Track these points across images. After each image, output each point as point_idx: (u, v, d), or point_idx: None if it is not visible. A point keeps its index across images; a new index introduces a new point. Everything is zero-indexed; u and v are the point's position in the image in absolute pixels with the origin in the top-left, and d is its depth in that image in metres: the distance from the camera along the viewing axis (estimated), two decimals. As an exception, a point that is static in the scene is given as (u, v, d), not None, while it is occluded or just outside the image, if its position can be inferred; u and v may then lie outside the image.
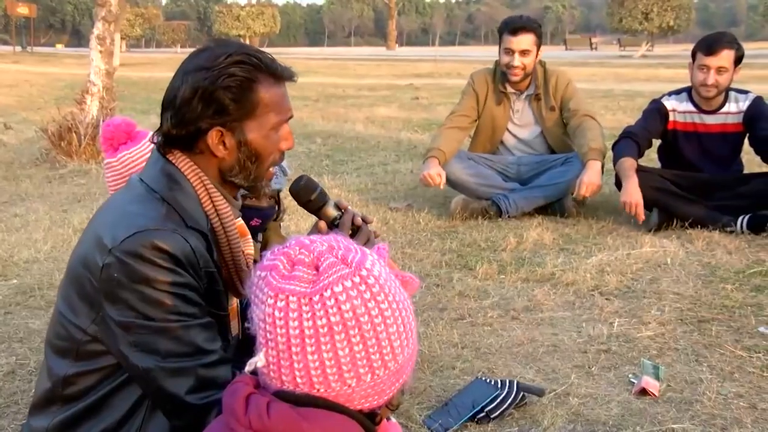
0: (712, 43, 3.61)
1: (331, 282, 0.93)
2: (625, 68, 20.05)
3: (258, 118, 1.38)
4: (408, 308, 1.00)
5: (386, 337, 0.95)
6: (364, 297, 0.94)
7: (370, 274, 0.95)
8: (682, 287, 2.76)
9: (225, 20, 38.29)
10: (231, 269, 1.44)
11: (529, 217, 3.79)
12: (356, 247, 1.00)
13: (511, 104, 4.05)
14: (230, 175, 1.41)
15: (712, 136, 3.76)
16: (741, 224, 3.48)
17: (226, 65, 1.34)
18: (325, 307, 0.93)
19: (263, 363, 0.96)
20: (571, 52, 37.72)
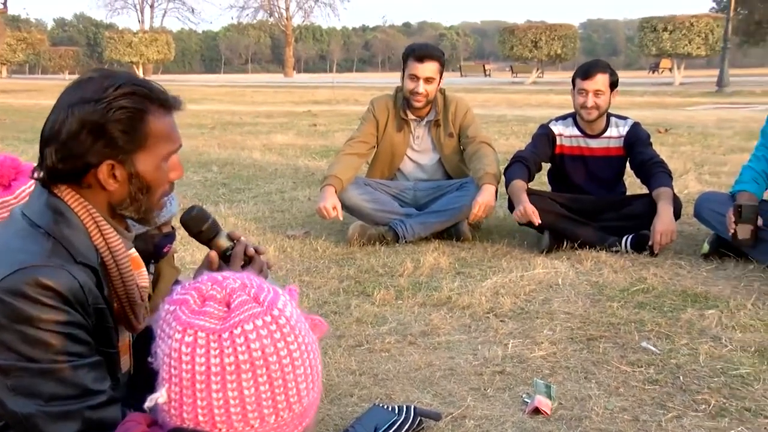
0: (588, 68, 3.80)
1: (242, 320, 0.92)
2: (517, 94, 20.75)
3: (149, 150, 1.35)
4: (316, 351, 0.99)
5: (293, 378, 0.94)
6: (275, 337, 0.93)
7: (282, 315, 0.94)
8: (572, 307, 2.85)
9: (116, 47, 37.29)
10: (124, 303, 1.39)
11: (426, 242, 3.85)
12: (269, 286, 0.98)
13: (411, 130, 4.11)
14: (121, 208, 1.37)
15: (597, 159, 3.93)
16: (625, 244, 3.64)
17: (114, 97, 1.30)
18: (234, 344, 0.91)
19: (165, 399, 0.93)
20: (466, 79, 38.76)
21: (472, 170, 3.93)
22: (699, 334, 2.56)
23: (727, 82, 20.27)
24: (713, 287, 3.09)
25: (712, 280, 3.19)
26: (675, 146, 7.78)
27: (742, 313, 2.73)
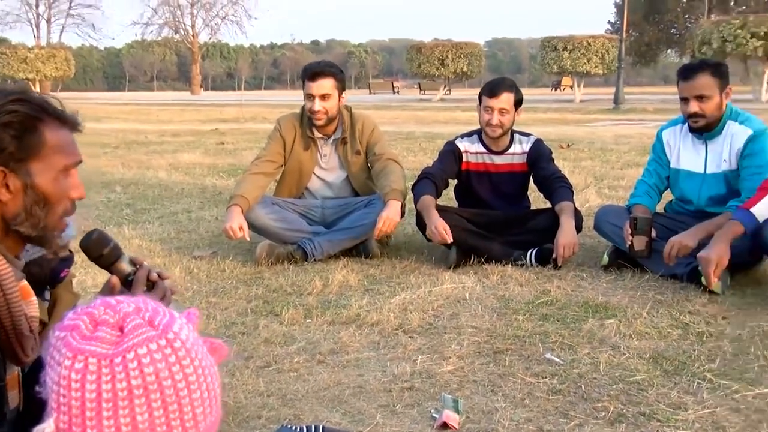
0: (494, 87, 3.89)
1: (135, 344, 0.89)
2: (425, 111, 21.06)
3: (44, 160, 1.29)
4: (214, 375, 0.97)
5: (189, 402, 0.92)
6: (169, 361, 0.90)
7: (177, 338, 0.92)
8: (479, 321, 2.90)
9: (9, 62, 35.81)
10: (11, 335, 1.32)
11: (334, 260, 3.84)
12: (165, 310, 0.96)
13: (318, 149, 4.10)
14: (15, 223, 1.30)
15: (502, 175, 4.03)
16: (530, 258, 3.73)
17: (4, 103, 1.25)
18: (127, 369, 0.88)
19: (52, 429, 0.89)
20: (375, 96, 39.08)
21: (378, 187, 3.96)
22: (600, 343, 2.64)
23: (622, 99, 21.14)
24: (612, 297, 3.20)
25: (611, 291, 3.31)
26: (576, 161, 8.05)
27: (639, 322, 2.84)
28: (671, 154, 3.76)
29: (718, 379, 2.29)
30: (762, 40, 20.51)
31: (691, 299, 3.14)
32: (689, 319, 2.87)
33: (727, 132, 3.55)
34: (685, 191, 3.73)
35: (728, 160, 3.54)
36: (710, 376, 2.31)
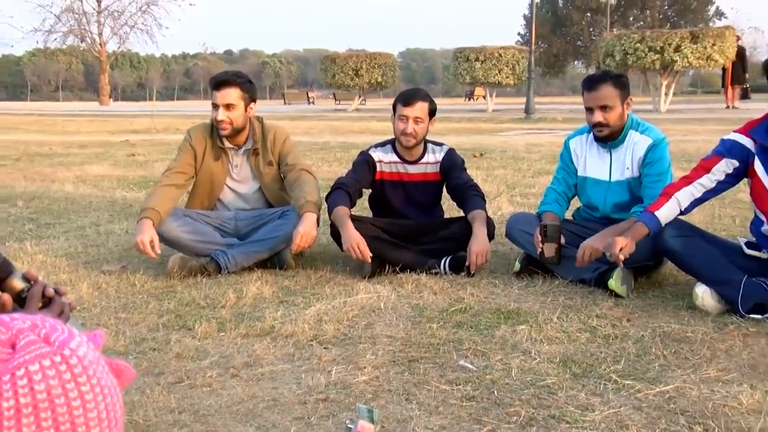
0: (409, 96, 3.93)
1: (26, 360, 0.85)
2: (340, 121, 21.07)
3: None
4: (115, 395, 0.93)
5: (84, 422, 0.88)
6: (63, 378, 0.86)
7: (74, 354, 0.88)
8: (394, 330, 2.91)
9: None
10: None
11: (249, 272, 3.79)
12: (64, 327, 0.91)
13: (229, 159, 4.05)
14: None
15: (416, 184, 4.07)
16: (444, 266, 3.78)
17: None
18: (15, 387, 0.84)
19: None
20: (290, 107, 38.87)
21: (293, 198, 3.93)
22: (512, 349, 2.69)
23: (533, 109, 21.68)
24: (524, 303, 3.27)
25: (523, 297, 3.38)
26: (489, 170, 8.20)
27: (549, 327, 2.91)
28: (578, 163, 3.88)
29: (622, 379, 2.37)
30: (659, 54, 21.42)
31: (598, 303, 3.24)
32: (596, 323, 2.97)
33: (630, 141, 3.69)
34: (591, 198, 3.85)
35: (631, 167, 3.68)
36: (615, 377, 2.38)
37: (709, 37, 21.39)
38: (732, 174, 3.22)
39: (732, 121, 15.09)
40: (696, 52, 21.22)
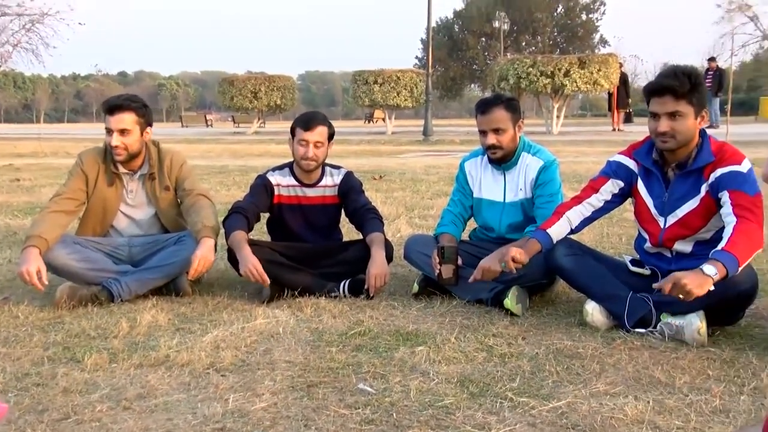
0: (309, 120, 3.93)
1: None
2: (239, 144, 20.83)
3: None
4: None
5: None
6: None
7: None
8: (293, 355, 2.88)
9: None
10: None
11: (143, 300, 3.68)
12: None
13: (124, 185, 3.93)
14: None
15: (314, 208, 4.06)
16: (343, 289, 3.77)
17: None
18: None
19: None
20: (188, 129, 38.13)
21: (189, 224, 3.85)
22: (410, 370, 2.71)
23: (431, 131, 22.09)
24: (423, 325, 3.30)
25: (422, 318, 3.41)
26: (389, 192, 8.28)
27: (447, 347, 2.94)
28: (473, 184, 3.96)
29: (517, 397, 2.42)
30: (550, 78, 22.28)
31: (494, 322, 3.31)
32: (493, 342, 3.02)
33: (522, 163, 3.80)
34: (487, 219, 3.94)
35: (524, 189, 3.79)
36: (511, 395, 2.43)
37: (595, 63, 22.43)
38: (618, 194, 3.36)
39: (618, 143, 15.82)
40: (584, 77, 22.20)
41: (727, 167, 3.04)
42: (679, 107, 3.02)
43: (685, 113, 3.03)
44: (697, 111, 3.06)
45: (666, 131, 3.05)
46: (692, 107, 3.04)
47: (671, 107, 3.03)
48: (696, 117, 3.06)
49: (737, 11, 18.92)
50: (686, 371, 2.65)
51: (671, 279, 2.79)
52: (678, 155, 3.16)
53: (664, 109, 3.05)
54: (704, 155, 3.10)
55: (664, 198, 3.22)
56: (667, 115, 3.04)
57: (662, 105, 3.05)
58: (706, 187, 3.09)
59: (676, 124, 3.04)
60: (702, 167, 3.11)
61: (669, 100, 3.03)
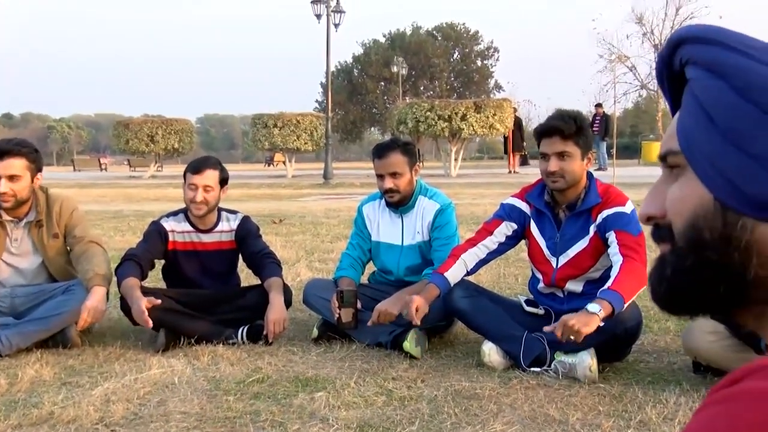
0: (198, 164, 3.89)
1: None
2: (135, 188, 20.29)
3: None
4: None
5: None
6: None
7: None
8: (188, 405, 2.79)
9: None
10: None
11: (26, 354, 3.49)
12: None
13: (8, 233, 3.75)
14: None
15: (210, 253, 3.98)
16: (241, 335, 3.71)
17: None
18: None
19: None
20: (81, 173, 36.90)
21: (80, 272, 3.70)
22: (309, 417, 2.67)
23: (331, 174, 22.16)
24: (322, 370, 3.27)
25: (321, 363, 3.38)
26: (288, 236, 8.22)
27: (347, 392, 2.92)
28: (372, 228, 4.00)
29: (417, 440, 2.42)
30: (447, 122, 22.85)
31: (394, 365, 3.31)
32: (392, 385, 3.02)
33: (419, 206, 3.87)
34: (385, 262, 3.97)
35: (421, 232, 3.85)
36: (411, 439, 2.43)
37: (490, 108, 23.16)
38: (511, 236, 3.46)
39: (514, 185, 16.29)
40: (480, 121, 22.86)
41: (612, 208, 3.20)
42: (566, 147, 3.17)
43: (572, 153, 3.18)
44: (583, 152, 3.21)
45: (555, 171, 3.19)
46: (579, 148, 3.19)
47: (559, 147, 3.18)
48: (583, 158, 3.22)
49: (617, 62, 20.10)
50: (579, 408, 2.73)
51: (560, 323, 2.90)
52: (568, 196, 3.30)
53: (553, 149, 3.19)
54: (592, 197, 3.26)
55: (555, 239, 3.34)
56: (556, 155, 3.18)
57: (551, 145, 3.20)
58: (594, 228, 3.23)
59: (564, 164, 3.18)
60: (590, 208, 3.25)
61: (557, 140, 3.18)
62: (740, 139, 0.63)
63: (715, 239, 0.65)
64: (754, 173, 0.62)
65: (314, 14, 23.56)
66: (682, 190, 0.68)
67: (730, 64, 0.65)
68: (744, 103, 0.63)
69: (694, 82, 0.68)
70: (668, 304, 0.71)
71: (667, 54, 0.71)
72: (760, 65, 0.64)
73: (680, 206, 0.68)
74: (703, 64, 0.67)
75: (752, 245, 0.63)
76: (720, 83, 0.65)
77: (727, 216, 0.64)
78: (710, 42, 0.67)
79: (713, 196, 0.65)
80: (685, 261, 0.67)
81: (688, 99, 0.68)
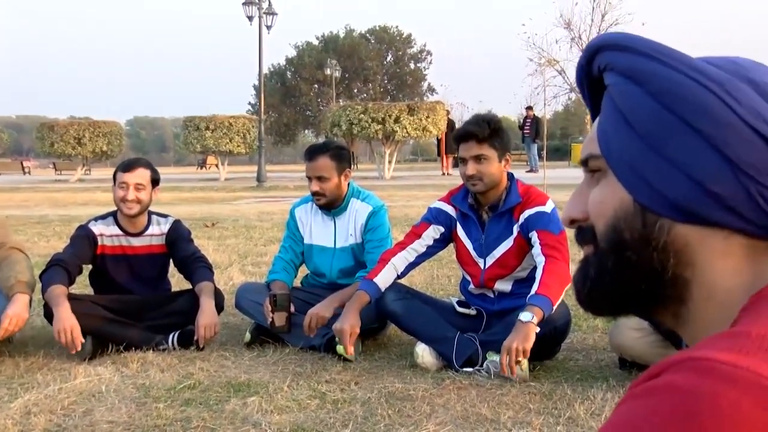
0: (130, 163, 3.85)
1: None
2: (61, 192, 19.72)
3: None
4: None
5: None
6: None
7: None
8: (116, 414, 2.73)
9: None
10: None
11: (-56, 365, 3.36)
12: None
13: None
14: None
15: (140, 258, 3.90)
16: (172, 341, 3.64)
17: None
18: None
19: None
20: (3, 177, 35.66)
21: (1, 279, 3.57)
22: (242, 422, 2.64)
23: (264, 177, 21.98)
24: (255, 374, 3.23)
25: (254, 368, 3.34)
26: (221, 239, 8.11)
27: (280, 396, 2.90)
28: (304, 230, 3.98)
29: (351, 443, 2.42)
30: (381, 125, 22.93)
31: (328, 368, 3.30)
32: (326, 388, 3.01)
33: (351, 209, 3.87)
34: (318, 265, 3.96)
35: (354, 234, 3.85)
36: (344, 442, 2.43)
37: (423, 110, 23.34)
38: (439, 239, 3.50)
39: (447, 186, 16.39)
40: (413, 124, 23.01)
41: (533, 208, 3.27)
42: (482, 151, 3.24)
43: (489, 156, 3.25)
44: (500, 154, 3.28)
45: (474, 174, 3.25)
46: (495, 150, 3.26)
47: (475, 151, 3.24)
48: (500, 160, 3.29)
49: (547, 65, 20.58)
50: (510, 406, 2.77)
51: (504, 351, 2.93)
52: (489, 198, 3.36)
53: (469, 153, 3.26)
54: (513, 197, 3.33)
55: (481, 240, 3.39)
56: (473, 158, 3.25)
57: (468, 150, 3.26)
58: (517, 228, 3.30)
59: (482, 167, 3.24)
60: (512, 208, 3.32)
61: (473, 144, 3.25)
62: (657, 143, 0.65)
63: (635, 240, 0.67)
64: (670, 176, 0.64)
65: (246, 16, 23.33)
66: (603, 193, 0.70)
67: (645, 71, 0.67)
68: (660, 108, 0.65)
69: (612, 87, 0.69)
70: (591, 305, 0.73)
71: (586, 61, 0.73)
72: (672, 71, 0.66)
73: (601, 209, 0.70)
74: (620, 70, 0.69)
75: (670, 246, 0.66)
76: (637, 89, 0.67)
77: (646, 218, 0.66)
78: (626, 49, 0.69)
79: (633, 199, 0.67)
80: (606, 262, 0.69)
81: (607, 104, 0.70)
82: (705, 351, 0.56)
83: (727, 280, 0.65)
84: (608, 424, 0.57)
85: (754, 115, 0.63)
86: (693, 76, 0.65)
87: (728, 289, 0.65)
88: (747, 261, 0.65)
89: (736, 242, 0.65)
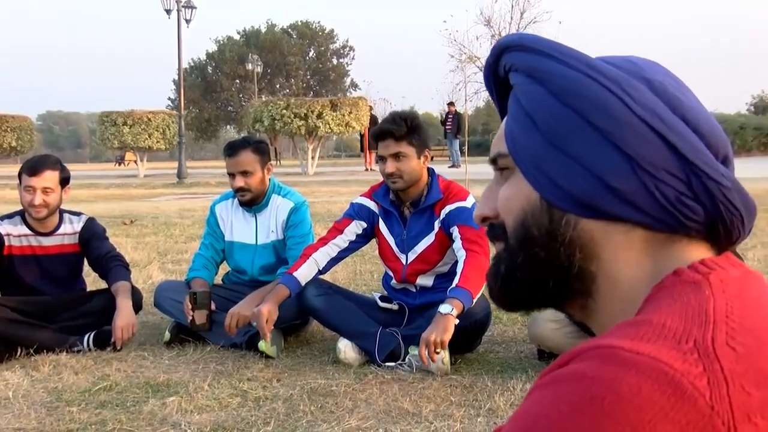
0: (36, 164, 3.65)
1: None
2: (-32, 190, 18.90)
3: None
4: None
5: None
6: None
7: None
8: (24, 420, 2.63)
9: None
10: None
11: None
12: None
13: None
14: None
15: (51, 258, 3.77)
16: (87, 342, 3.53)
17: None
18: None
19: None
20: None
21: None
22: (161, 423, 2.58)
23: (185, 173, 21.59)
24: (175, 374, 3.17)
25: (173, 367, 3.28)
26: (140, 237, 7.93)
27: (200, 395, 2.85)
28: (225, 227, 3.92)
29: (272, 441, 2.40)
30: (303, 120, 22.80)
31: (249, 366, 3.26)
32: (248, 386, 2.97)
33: (273, 205, 3.83)
34: (239, 262, 3.90)
35: (275, 231, 3.81)
36: (265, 440, 2.40)
37: (346, 106, 23.33)
38: (361, 234, 3.50)
39: (371, 182, 16.45)
40: (336, 119, 22.97)
41: (454, 204, 3.30)
42: (400, 148, 3.26)
43: (407, 154, 3.26)
44: (419, 151, 3.30)
45: (393, 172, 3.26)
46: (413, 147, 3.28)
47: (393, 149, 3.26)
48: (419, 157, 3.31)
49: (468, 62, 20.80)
50: (432, 400, 2.79)
51: (422, 343, 2.95)
52: (410, 194, 3.38)
53: (387, 151, 3.27)
54: (434, 193, 3.35)
55: (403, 236, 3.41)
56: (391, 156, 3.26)
57: (386, 148, 3.28)
58: (439, 223, 3.33)
59: (400, 165, 3.26)
60: (433, 204, 3.34)
61: (391, 142, 3.26)
62: (559, 141, 0.67)
63: (542, 236, 0.68)
64: (572, 172, 0.66)
65: (164, 9, 22.83)
66: (511, 190, 0.71)
67: (546, 70, 0.68)
68: (561, 106, 0.67)
69: (517, 87, 0.71)
70: (504, 300, 0.74)
71: (493, 61, 0.74)
72: (572, 71, 0.67)
73: (510, 206, 0.71)
74: (524, 70, 0.70)
75: (576, 240, 0.67)
76: (539, 88, 0.68)
77: (552, 213, 0.68)
78: (528, 49, 0.70)
79: (539, 195, 0.68)
80: (516, 258, 0.70)
81: (513, 104, 0.71)
82: (609, 339, 0.57)
83: (630, 272, 0.67)
84: (519, 412, 0.58)
85: (649, 112, 0.65)
86: (592, 75, 0.67)
87: (631, 280, 0.67)
88: (648, 253, 0.67)
89: (637, 236, 0.67)
